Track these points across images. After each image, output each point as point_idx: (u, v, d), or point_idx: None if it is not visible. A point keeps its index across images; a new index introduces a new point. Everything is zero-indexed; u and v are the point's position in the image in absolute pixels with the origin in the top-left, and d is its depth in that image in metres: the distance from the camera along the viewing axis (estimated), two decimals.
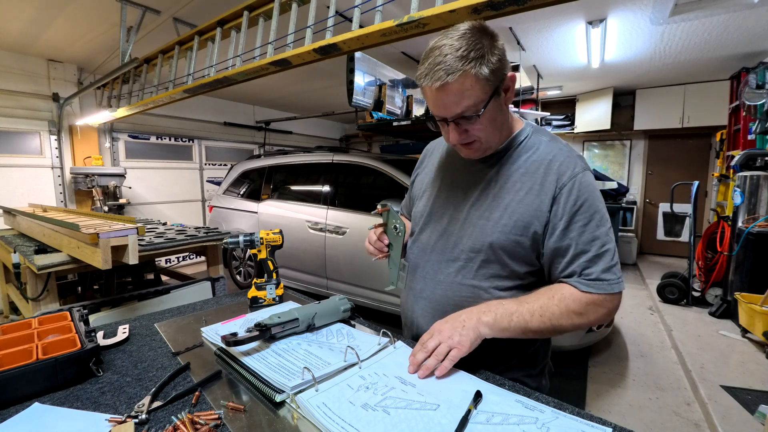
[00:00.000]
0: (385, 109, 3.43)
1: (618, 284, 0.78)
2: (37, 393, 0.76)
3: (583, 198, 0.79)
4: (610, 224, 0.81)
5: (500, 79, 0.77)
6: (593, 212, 0.79)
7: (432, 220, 0.97)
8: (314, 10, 1.93)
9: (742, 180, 3.31)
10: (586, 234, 0.79)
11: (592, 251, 0.78)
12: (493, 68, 0.74)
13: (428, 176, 1.05)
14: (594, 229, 0.79)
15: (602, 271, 0.77)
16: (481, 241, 0.85)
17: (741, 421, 1.92)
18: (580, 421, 0.64)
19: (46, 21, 3.21)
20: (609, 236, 0.79)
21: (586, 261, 0.78)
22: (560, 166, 0.82)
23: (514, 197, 0.84)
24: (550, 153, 0.84)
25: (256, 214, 4.08)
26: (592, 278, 0.77)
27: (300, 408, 0.70)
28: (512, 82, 0.79)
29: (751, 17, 3.22)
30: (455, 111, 0.77)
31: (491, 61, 0.73)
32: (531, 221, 0.82)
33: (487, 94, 0.75)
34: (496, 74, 0.75)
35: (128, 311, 1.89)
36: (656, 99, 5.63)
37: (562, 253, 0.80)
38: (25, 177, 4.13)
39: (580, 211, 0.79)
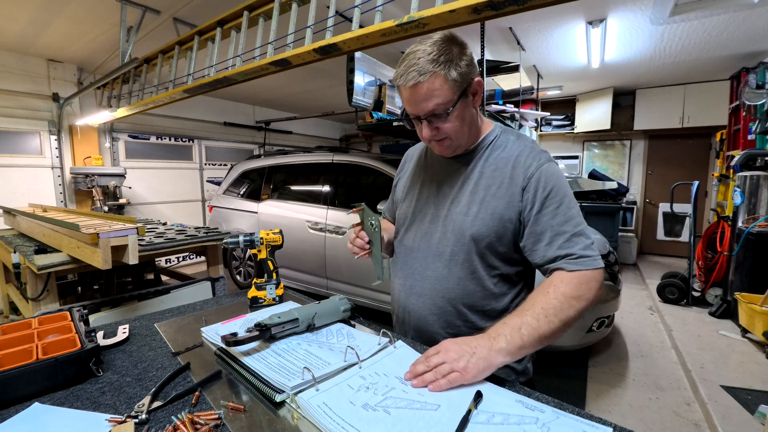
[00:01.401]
0: (385, 109, 3.43)
1: (598, 261, 0.82)
2: (37, 393, 0.76)
3: (550, 185, 0.86)
4: (578, 208, 0.87)
5: (467, 83, 0.84)
6: (562, 196, 0.86)
7: (416, 220, 1.03)
8: (314, 10, 1.93)
9: (742, 180, 3.31)
10: (558, 216, 0.84)
11: (569, 231, 0.83)
12: (461, 71, 0.82)
13: (409, 180, 1.11)
14: (566, 211, 0.85)
15: (583, 248, 0.82)
16: (463, 235, 0.91)
17: (741, 421, 1.92)
18: (580, 420, 0.64)
19: (46, 21, 3.21)
20: (581, 217, 0.86)
21: (565, 241, 0.83)
22: (525, 160, 0.90)
23: (488, 192, 0.91)
24: (516, 150, 0.92)
25: (256, 214, 4.08)
26: (576, 257, 0.81)
27: (300, 408, 0.70)
28: (479, 86, 0.88)
29: (751, 17, 3.22)
30: (426, 108, 0.83)
31: (459, 65, 0.82)
32: (504, 211, 0.89)
33: (455, 94, 0.83)
34: (463, 77, 0.83)
35: (128, 311, 1.89)
36: (656, 99, 5.64)
37: (539, 237, 0.86)
38: (25, 177, 4.12)
39: (549, 197, 0.85)
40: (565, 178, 0.89)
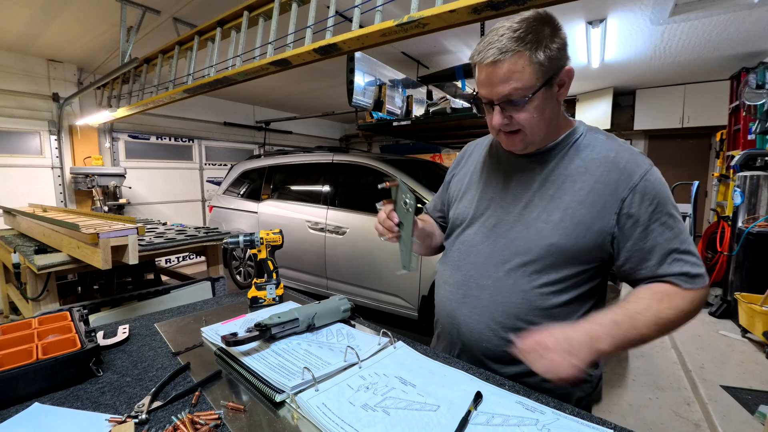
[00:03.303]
0: (385, 109, 3.43)
1: (707, 277, 0.76)
2: (37, 393, 0.76)
3: (658, 197, 0.76)
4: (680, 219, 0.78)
5: (555, 70, 0.73)
6: (670, 209, 0.76)
7: (476, 222, 0.92)
8: (314, 10, 1.93)
9: (742, 180, 3.31)
10: (667, 232, 0.76)
11: (681, 247, 0.75)
12: (550, 55, 0.71)
13: (468, 177, 1.00)
14: (674, 224, 0.76)
15: (695, 266, 0.75)
16: (539, 243, 0.80)
17: (741, 421, 1.92)
18: (580, 422, 0.65)
19: (46, 21, 3.21)
20: (687, 230, 0.77)
21: (677, 258, 0.75)
22: (627, 165, 0.77)
23: (575, 197, 0.79)
24: (612, 150, 0.80)
25: (256, 214, 4.08)
26: (692, 275, 0.74)
27: (300, 408, 0.70)
28: (568, 77, 0.76)
29: (751, 17, 3.22)
30: (502, 92, 0.73)
31: (550, 48, 0.71)
32: (594, 221, 0.77)
33: (539, 80, 0.72)
34: (552, 62, 0.72)
35: (128, 311, 1.89)
36: (656, 99, 5.63)
37: (646, 256, 0.76)
38: (25, 177, 4.12)
39: (656, 210, 0.76)
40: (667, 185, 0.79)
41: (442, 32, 1.88)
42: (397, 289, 3.02)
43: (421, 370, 0.81)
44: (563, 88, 0.77)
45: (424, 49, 4.01)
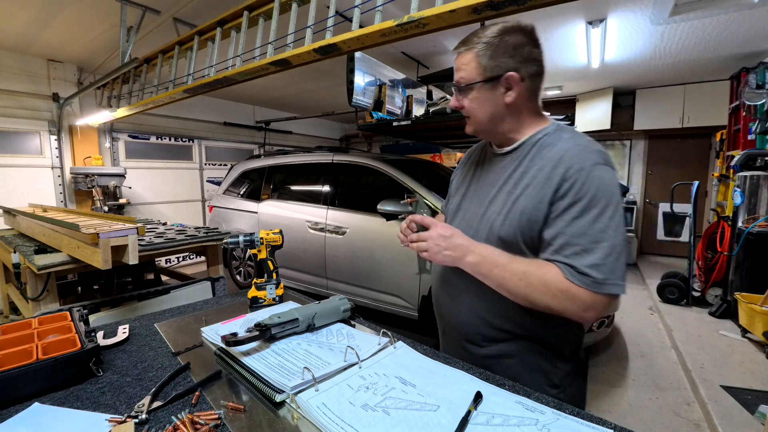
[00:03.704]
0: (385, 109, 3.43)
1: (605, 286, 0.74)
2: (37, 393, 0.76)
3: (588, 191, 0.77)
4: (615, 223, 0.77)
5: (498, 73, 0.83)
6: (596, 206, 0.77)
7: (457, 217, 1.01)
8: (314, 10, 1.93)
9: (742, 180, 3.31)
10: (575, 226, 0.77)
11: (581, 245, 0.76)
12: (498, 60, 0.83)
13: (463, 176, 1.08)
14: (591, 223, 0.76)
15: (588, 266, 0.74)
16: (492, 236, 0.87)
17: (741, 421, 1.92)
18: (580, 422, 0.64)
19: (46, 21, 3.21)
20: (606, 234, 0.76)
21: (575, 252, 0.76)
22: (570, 159, 0.81)
23: (524, 191, 0.85)
24: (567, 148, 0.83)
25: (256, 214, 4.08)
26: (579, 270, 0.75)
27: (300, 408, 0.70)
28: (512, 81, 0.84)
29: (751, 17, 3.22)
30: (455, 77, 0.90)
31: (498, 53, 0.83)
32: (532, 212, 0.82)
33: (479, 76, 0.85)
34: (496, 66, 0.83)
35: (128, 311, 1.89)
36: (656, 99, 5.63)
37: (550, 242, 0.80)
38: (25, 177, 4.12)
39: (577, 204, 0.78)
40: (617, 191, 0.79)
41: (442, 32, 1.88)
42: (397, 289, 3.02)
43: (421, 370, 0.81)
44: (511, 91, 0.85)
45: (424, 49, 4.01)
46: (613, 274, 0.75)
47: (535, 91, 0.89)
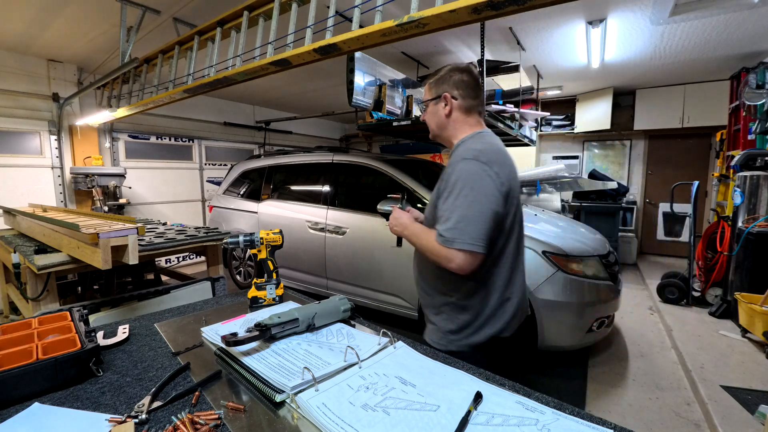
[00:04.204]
0: (385, 109, 3.43)
1: (455, 242, 1.01)
2: (37, 393, 0.76)
3: (453, 180, 1.07)
4: (469, 200, 1.03)
5: (438, 94, 1.21)
6: (455, 190, 1.06)
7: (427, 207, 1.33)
8: (314, 10, 1.93)
9: (742, 180, 3.31)
10: (446, 204, 1.07)
11: (444, 216, 1.06)
12: (439, 87, 1.21)
13: None
14: (453, 201, 1.05)
15: (444, 230, 1.04)
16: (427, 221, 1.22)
17: (741, 421, 1.92)
18: (580, 422, 0.64)
19: (46, 21, 3.21)
20: (460, 207, 1.04)
21: (440, 223, 1.07)
22: (452, 158, 1.14)
23: (437, 184, 1.18)
24: (457, 150, 1.15)
25: (256, 214, 4.08)
26: (440, 233, 1.05)
27: (300, 408, 0.70)
28: (446, 99, 1.19)
29: (751, 17, 3.22)
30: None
31: (439, 81, 1.22)
32: (435, 200, 1.16)
33: (428, 97, 1.24)
34: (437, 89, 1.22)
35: (128, 311, 1.89)
36: (656, 99, 5.63)
37: (439, 218, 1.09)
38: (25, 177, 4.12)
39: (446, 189, 1.09)
40: (477, 176, 1.05)
41: (442, 32, 1.88)
42: (397, 289, 3.02)
43: (421, 370, 0.81)
44: (446, 108, 1.20)
45: (424, 49, 4.01)
46: (463, 235, 1.01)
47: (468, 108, 1.20)
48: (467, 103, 1.19)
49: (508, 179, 1.08)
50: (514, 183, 1.12)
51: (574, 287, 2.43)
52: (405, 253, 2.94)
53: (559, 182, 5.24)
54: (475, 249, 1.00)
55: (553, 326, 2.44)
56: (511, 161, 1.15)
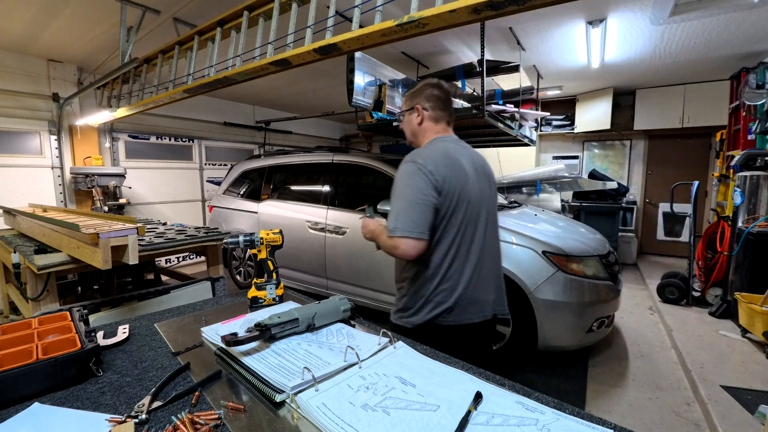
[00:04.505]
0: (385, 109, 3.43)
1: (395, 231, 1.18)
2: (37, 393, 0.76)
3: (396, 180, 1.26)
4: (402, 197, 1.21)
5: (412, 106, 1.39)
6: (395, 189, 1.25)
7: None
8: (314, 10, 1.93)
9: (742, 180, 3.31)
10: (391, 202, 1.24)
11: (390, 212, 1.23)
12: (413, 100, 1.39)
13: None
14: (394, 199, 1.23)
15: (389, 223, 1.21)
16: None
17: (741, 421, 1.92)
18: (580, 422, 0.64)
19: (45, 21, 3.21)
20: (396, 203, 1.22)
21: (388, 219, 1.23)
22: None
23: None
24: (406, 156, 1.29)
25: (256, 214, 4.08)
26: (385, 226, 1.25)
27: (300, 408, 0.70)
28: (417, 110, 1.37)
29: (751, 17, 3.22)
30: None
31: (413, 97, 1.40)
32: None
33: (404, 108, 1.44)
34: (410, 101, 1.40)
35: (128, 311, 1.89)
36: (656, 99, 5.63)
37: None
38: (25, 177, 4.12)
39: (393, 189, 1.26)
40: (412, 174, 1.21)
41: (442, 32, 1.88)
42: None
43: (421, 370, 0.81)
44: (417, 118, 1.38)
45: (424, 49, 4.01)
46: (402, 225, 1.17)
47: (437, 118, 1.37)
48: (436, 114, 1.36)
49: (445, 177, 1.19)
50: (455, 180, 1.22)
51: (574, 287, 2.43)
52: None
53: (559, 182, 5.24)
54: (413, 235, 1.15)
55: (553, 326, 2.44)
56: (456, 162, 1.25)
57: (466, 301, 1.24)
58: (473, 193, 1.25)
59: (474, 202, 1.25)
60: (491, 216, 1.33)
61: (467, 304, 1.24)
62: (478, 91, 4.01)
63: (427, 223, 1.17)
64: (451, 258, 1.23)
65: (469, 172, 1.27)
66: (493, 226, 1.34)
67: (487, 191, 1.34)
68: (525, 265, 2.47)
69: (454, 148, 1.30)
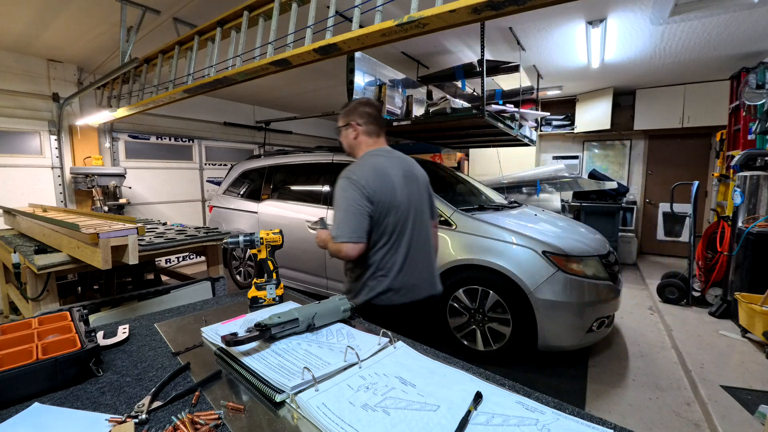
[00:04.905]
0: (385, 109, 3.43)
1: (338, 238, 1.38)
2: (37, 393, 0.76)
3: (335, 193, 1.44)
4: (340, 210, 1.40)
5: (347, 123, 1.56)
6: (335, 201, 1.44)
7: None
8: (314, 10, 1.93)
9: (742, 180, 3.31)
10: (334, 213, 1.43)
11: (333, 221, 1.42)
12: (347, 119, 1.56)
13: None
14: (335, 210, 1.43)
15: (332, 231, 1.41)
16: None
17: (741, 421, 1.92)
18: (580, 422, 0.64)
19: (45, 21, 3.21)
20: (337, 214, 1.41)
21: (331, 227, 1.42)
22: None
23: None
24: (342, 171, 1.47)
25: (256, 214, 4.08)
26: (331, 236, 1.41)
27: (300, 408, 0.70)
28: (351, 127, 1.55)
29: (751, 17, 3.22)
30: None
31: (348, 115, 1.56)
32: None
33: (341, 125, 1.59)
34: (345, 119, 1.57)
35: (128, 311, 1.89)
36: (656, 99, 5.63)
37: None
38: (25, 177, 4.12)
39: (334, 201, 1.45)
40: (347, 188, 1.40)
41: (442, 32, 1.88)
42: None
43: (421, 370, 0.81)
44: (354, 132, 1.54)
45: (424, 49, 4.01)
46: (343, 232, 1.37)
47: (369, 132, 1.54)
48: (369, 129, 1.54)
49: (375, 189, 1.39)
50: (384, 190, 1.42)
51: (574, 287, 2.43)
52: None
53: (559, 182, 5.24)
54: (353, 240, 1.36)
55: (553, 326, 2.44)
56: (384, 175, 1.45)
57: (397, 287, 1.45)
58: (401, 200, 1.46)
59: (402, 207, 1.46)
60: (419, 214, 1.54)
61: (398, 288, 1.46)
62: (478, 91, 4.02)
63: (364, 228, 1.37)
64: (383, 253, 1.44)
65: (396, 181, 1.46)
66: (420, 223, 1.54)
67: (415, 194, 1.54)
68: (525, 265, 2.47)
69: (382, 161, 1.49)
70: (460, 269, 2.67)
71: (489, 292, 2.58)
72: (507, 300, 2.51)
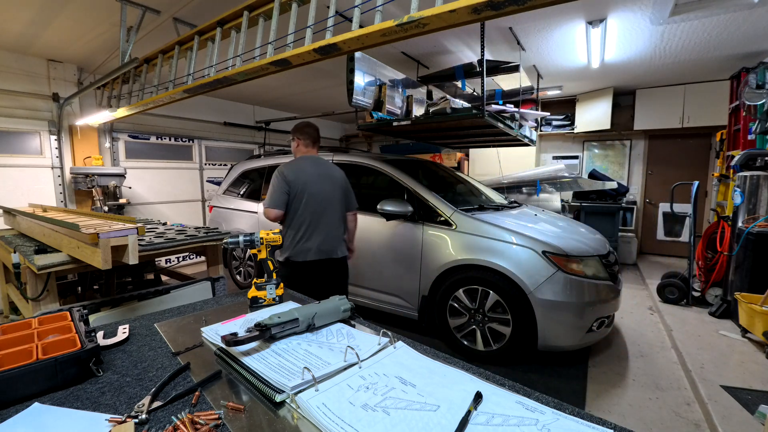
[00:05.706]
0: (385, 109, 3.43)
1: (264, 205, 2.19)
2: (37, 393, 0.76)
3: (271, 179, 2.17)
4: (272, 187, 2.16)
5: (294, 137, 2.35)
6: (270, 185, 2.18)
7: None
8: (314, 10, 1.93)
9: (742, 180, 3.31)
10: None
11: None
12: (294, 135, 2.34)
13: None
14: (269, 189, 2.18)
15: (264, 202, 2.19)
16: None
17: (741, 421, 1.92)
18: (580, 422, 0.64)
19: (45, 21, 3.21)
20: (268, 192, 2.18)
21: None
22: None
23: None
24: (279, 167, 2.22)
25: (256, 214, 4.08)
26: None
27: (300, 408, 0.70)
28: (297, 142, 2.34)
29: (751, 17, 3.22)
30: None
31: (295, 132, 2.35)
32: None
33: (291, 138, 2.38)
34: (294, 135, 2.35)
35: (128, 311, 1.89)
36: (656, 99, 5.63)
37: None
38: (25, 177, 4.12)
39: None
40: (276, 178, 2.16)
41: (442, 32, 1.88)
42: (397, 289, 3.02)
43: (421, 370, 0.81)
44: (296, 143, 2.34)
45: (424, 49, 4.01)
46: (268, 202, 2.15)
47: (306, 145, 2.31)
48: (306, 142, 2.32)
49: (292, 178, 2.14)
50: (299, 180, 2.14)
51: (574, 287, 2.43)
52: (405, 253, 2.94)
53: (559, 182, 5.24)
54: (272, 207, 2.14)
55: (553, 326, 2.44)
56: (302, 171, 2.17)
57: (308, 248, 2.15)
58: (314, 189, 2.16)
59: (315, 194, 2.16)
60: (329, 202, 2.21)
61: (306, 251, 2.15)
62: (478, 91, 4.02)
63: (282, 201, 2.12)
64: (297, 223, 2.14)
65: (312, 177, 2.17)
66: (331, 207, 2.22)
67: (329, 189, 2.22)
68: (525, 265, 2.48)
69: (304, 164, 2.22)
70: (460, 269, 2.68)
71: (489, 292, 2.58)
72: (507, 300, 2.51)
